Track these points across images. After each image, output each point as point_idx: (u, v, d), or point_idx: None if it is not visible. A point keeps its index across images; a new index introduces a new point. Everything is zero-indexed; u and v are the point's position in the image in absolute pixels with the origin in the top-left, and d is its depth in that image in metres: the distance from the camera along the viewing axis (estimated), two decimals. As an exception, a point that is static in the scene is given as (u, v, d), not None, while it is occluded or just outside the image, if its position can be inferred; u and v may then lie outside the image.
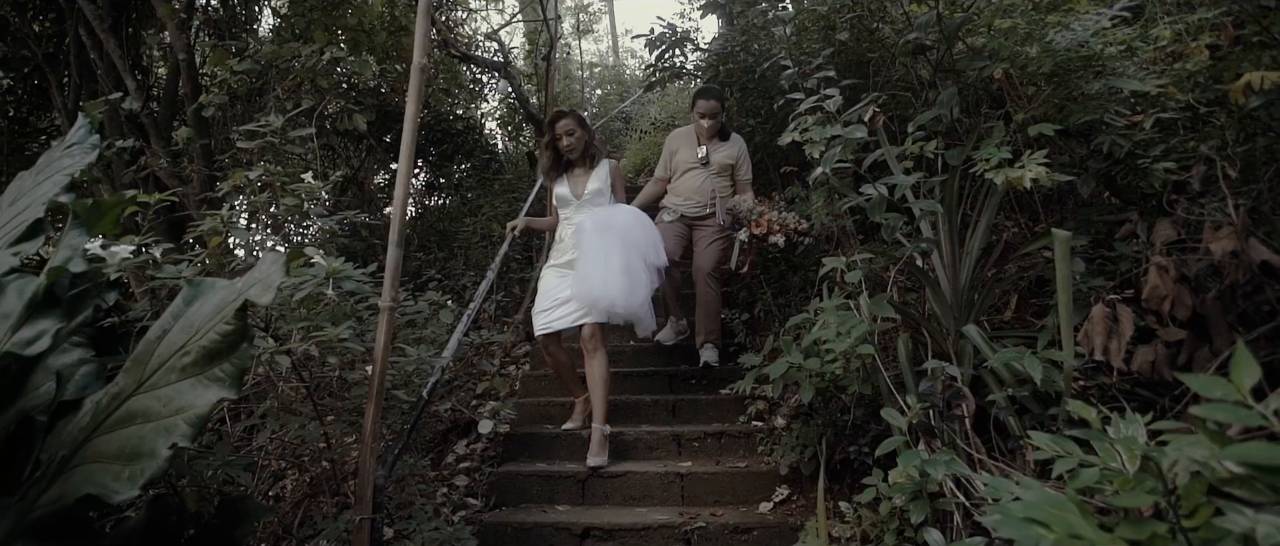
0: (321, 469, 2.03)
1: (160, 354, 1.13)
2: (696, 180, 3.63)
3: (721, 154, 3.64)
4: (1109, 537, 0.83)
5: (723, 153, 3.64)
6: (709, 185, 3.61)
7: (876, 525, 2.08)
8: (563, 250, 3.20)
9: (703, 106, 3.60)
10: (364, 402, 2.03)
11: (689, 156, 3.68)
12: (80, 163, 1.68)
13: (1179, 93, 2.37)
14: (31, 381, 1.34)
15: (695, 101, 3.68)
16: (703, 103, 3.62)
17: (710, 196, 3.60)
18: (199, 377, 1.06)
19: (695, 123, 3.69)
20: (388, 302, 1.59)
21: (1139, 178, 2.28)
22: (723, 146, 3.66)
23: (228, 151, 4.59)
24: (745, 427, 3.13)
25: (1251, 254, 1.41)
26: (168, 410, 1.05)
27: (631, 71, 15.22)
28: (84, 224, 1.38)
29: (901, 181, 2.05)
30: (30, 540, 1.03)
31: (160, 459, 0.99)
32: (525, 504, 2.89)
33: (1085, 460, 1.13)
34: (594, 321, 2.99)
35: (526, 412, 3.53)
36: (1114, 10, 2.47)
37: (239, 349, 1.07)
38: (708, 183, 3.61)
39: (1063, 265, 1.87)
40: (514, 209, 5.80)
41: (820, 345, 2.15)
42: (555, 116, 3.24)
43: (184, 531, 1.42)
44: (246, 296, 1.08)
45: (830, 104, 2.16)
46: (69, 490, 1.01)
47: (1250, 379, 0.73)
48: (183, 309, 1.21)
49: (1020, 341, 2.26)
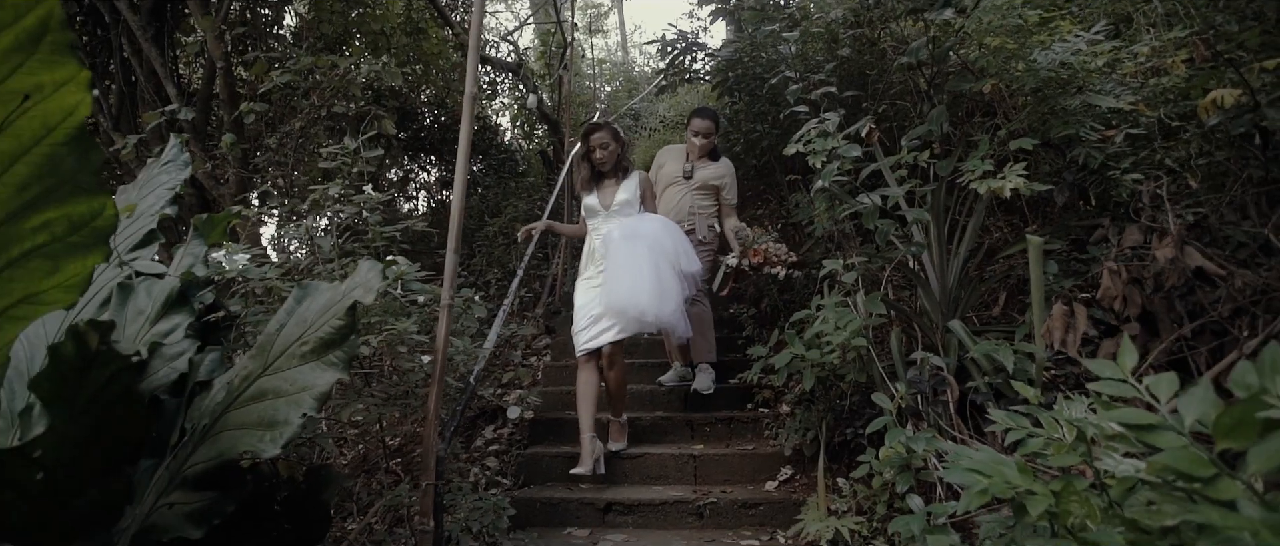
0: (376, 446, 2.31)
1: (281, 343, 1.40)
2: (677, 196, 3.63)
3: (707, 172, 3.63)
4: (1031, 480, 1.09)
5: (708, 171, 3.63)
6: (688, 202, 3.60)
7: (870, 497, 2.34)
8: (593, 263, 3.17)
9: (697, 124, 3.63)
10: (414, 387, 2.31)
11: (674, 171, 3.68)
12: (177, 179, 1.96)
13: (1149, 109, 2.60)
14: (151, 366, 1.62)
15: (691, 119, 3.70)
16: (698, 120, 3.64)
17: (689, 213, 3.58)
18: (317, 362, 1.32)
19: (687, 139, 3.70)
20: (447, 300, 1.85)
21: (1110, 187, 2.52)
22: (710, 165, 3.66)
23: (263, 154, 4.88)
24: (753, 414, 3.39)
25: (1186, 260, 1.65)
26: (294, 388, 1.31)
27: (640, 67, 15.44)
28: (202, 235, 1.64)
29: (893, 193, 2.30)
30: (190, 489, 1.30)
31: (294, 425, 1.26)
32: (551, 482, 3.17)
33: (1033, 432, 1.38)
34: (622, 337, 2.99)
35: (549, 400, 3.80)
36: (1091, 33, 2.70)
37: (349, 339, 1.33)
38: (688, 198, 3.60)
39: (1035, 267, 2.11)
40: (533, 208, 6.07)
41: (820, 338, 2.40)
42: (590, 128, 3.21)
43: (278, 494, 1.69)
44: (352, 297, 1.35)
45: (829, 125, 2.40)
46: (223, 449, 1.27)
47: (1130, 362, 0.98)
48: (294, 307, 1.47)
49: (1004, 334, 2.51)
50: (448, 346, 1.82)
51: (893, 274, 2.73)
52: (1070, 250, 2.62)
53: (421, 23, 6.93)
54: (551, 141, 7.76)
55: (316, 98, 4.43)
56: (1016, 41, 2.93)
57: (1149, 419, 0.94)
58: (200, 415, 1.41)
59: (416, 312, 2.29)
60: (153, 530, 1.30)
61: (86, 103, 1.17)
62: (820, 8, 3.38)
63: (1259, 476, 0.87)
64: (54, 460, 1.05)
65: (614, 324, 2.97)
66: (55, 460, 1.06)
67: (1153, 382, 0.98)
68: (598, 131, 3.19)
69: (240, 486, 1.29)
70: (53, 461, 1.05)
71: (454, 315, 3.08)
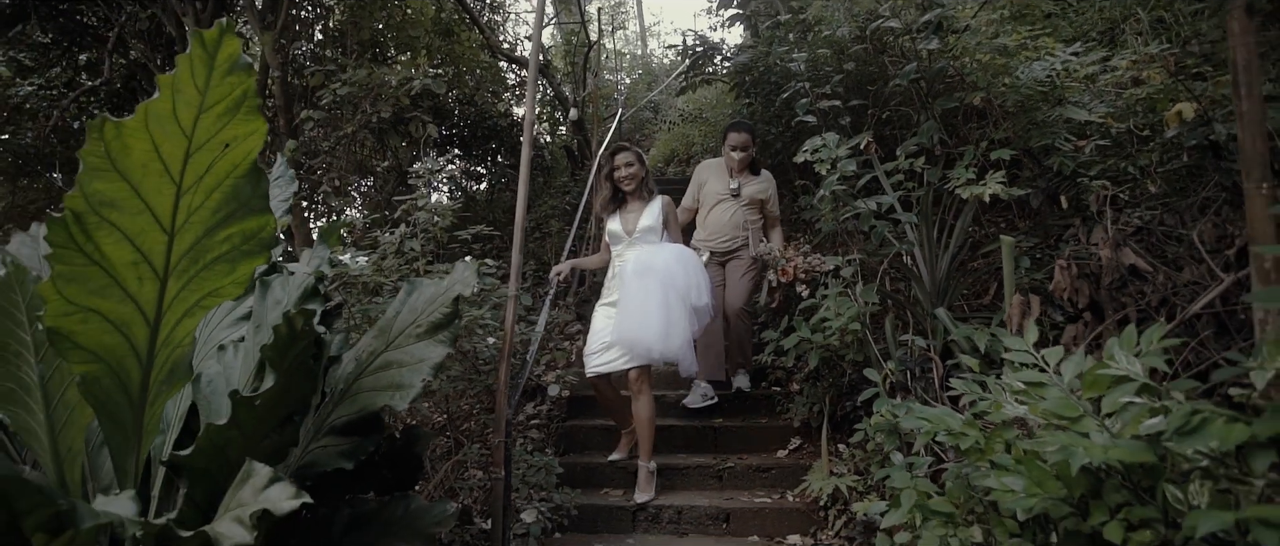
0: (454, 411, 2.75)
1: (398, 326, 1.82)
2: (727, 213, 3.66)
3: (753, 187, 3.69)
4: (970, 426, 1.47)
5: (754, 186, 3.70)
6: (740, 217, 3.65)
7: (865, 459, 2.73)
8: (612, 288, 3.21)
9: (734, 139, 3.67)
10: (479, 365, 2.74)
11: (720, 188, 3.71)
12: (288, 192, 2.39)
13: (1117, 122, 2.94)
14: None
15: (726, 134, 3.75)
16: (734, 135, 3.68)
17: (742, 229, 3.64)
18: (430, 340, 1.75)
19: (726, 155, 3.72)
20: (514, 292, 2.27)
21: (1082, 192, 2.86)
22: (754, 180, 3.72)
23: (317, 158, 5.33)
24: (766, 392, 3.79)
25: (1122, 258, 2.01)
26: (413, 360, 1.74)
27: (659, 58, 15.75)
28: (325, 239, 2.07)
29: (886, 201, 2.67)
30: (338, 435, 1.73)
31: (416, 387, 1.68)
32: (589, 451, 3.60)
33: (984, 397, 1.77)
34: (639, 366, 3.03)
35: (584, 379, 4.22)
36: (1066, 53, 3.03)
37: (453, 323, 1.75)
38: (739, 214, 3.65)
39: (1008, 263, 2.48)
40: (562, 204, 6.48)
41: (824, 323, 2.79)
42: (615, 150, 3.28)
43: (381, 447, 2.13)
44: (455, 291, 1.77)
45: (830, 140, 2.77)
46: (363, 404, 1.70)
47: (1032, 339, 1.36)
48: (406, 298, 1.89)
49: (986, 320, 2.88)
50: (514, 330, 2.24)
51: (889, 268, 3.10)
52: (1044, 247, 2.97)
53: (450, 24, 7.34)
54: (577, 138, 8.16)
55: (367, 105, 4.87)
56: (1003, 59, 3.27)
57: (1041, 378, 1.33)
58: (335, 381, 1.85)
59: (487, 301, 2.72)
60: (310, 466, 1.73)
61: (260, 144, 1.59)
62: (829, 25, 3.73)
63: (1112, 415, 1.26)
64: (262, 408, 1.48)
65: (623, 354, 3.03)
66: (263, 408, 1.49)
67: (1047, 352, 1.36)
68: (623, 152, 3.24)
69: (379, 431, 1.72)
70: (261, 409, 1.48)
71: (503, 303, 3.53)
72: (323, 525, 1.84)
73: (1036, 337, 1.37)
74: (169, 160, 1.47)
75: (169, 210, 1.53)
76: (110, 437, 1.64)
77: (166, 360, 1.66)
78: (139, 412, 1.64)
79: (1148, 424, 1.10)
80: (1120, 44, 3.88)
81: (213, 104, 1.46)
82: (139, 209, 1.48)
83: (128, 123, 1.37)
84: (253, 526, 1.21)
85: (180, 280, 1.62)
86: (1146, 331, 1.28)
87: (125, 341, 1.58)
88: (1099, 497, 1.20)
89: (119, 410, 1.62)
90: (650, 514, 2.99)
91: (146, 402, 1.66)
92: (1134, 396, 1.19)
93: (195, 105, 1.44)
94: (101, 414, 1.61)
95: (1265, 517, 0.88)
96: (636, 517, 2.99)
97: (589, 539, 2.90)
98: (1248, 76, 1.44)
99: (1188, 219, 2.17)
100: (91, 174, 1.37)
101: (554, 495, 2.81)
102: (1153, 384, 1.18)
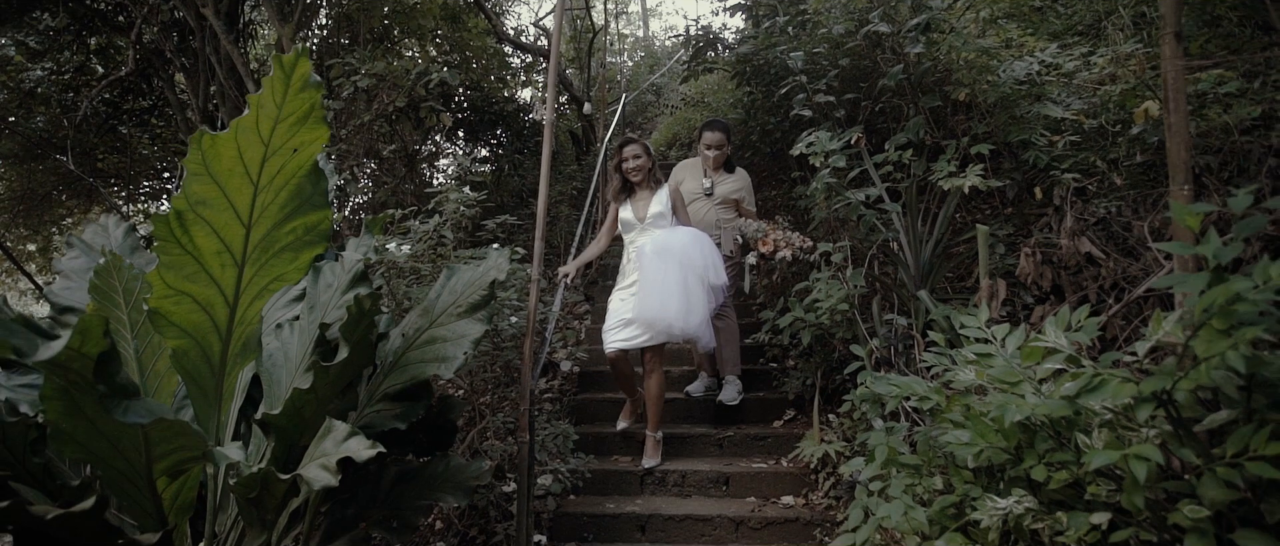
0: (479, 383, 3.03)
1: (440, 306, 2.08)
2: (701, 211, 3.75)
3: (726, 186, 3.77)
4: (933, 389, 1.73)
5: (728, 184, 3.78)
6: (713, 215, 3.74)
7: (851, 427, 3.01)
8: (627, 273, 3.36)
9: (709, 137, 3.75)
10: (502, 342, 3.00)
11: (694, 187, 3.79)
12: (330, 185, 2.63)
13: (1089, 118, 3.17)
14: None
15: (702, 132, 3.82)
16: (709, 134, 3.76)
17: (715, 227, 3.72)
18: (469, 319, 2.01)
19: (701, 153, 3.81)
20: (536, 276, 2.53)
21: (1054, 184, 3.11)
22: (728, 178, 3.80)
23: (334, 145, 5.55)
24: (763, 368, 4.07)
25: (1078, 246, 2.26)
26: (454, 336, 2.00)
27: (661, 42, 15.85)
28: (370, 230, 2.33)
29: (873, 192, 2.92)
30: (390, 401, 2.00)
31: (459, 359, 1.94)
32: (599, 422, 3.88)
33: (949, 367, 2.03)
34: (654, 344, 3.20)
35: (594, 356, 4.50)
36: (1044, 54, 3.25)
37: (490, 303, 2.01)
38: (712, 213, 3.75)
39: (983, 249, 2.73)
40: (569, 189, 6.71)
41: (816, 304, 3.05)
42: (623, 142, 3.41)
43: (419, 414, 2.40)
44: (490, 275, 2.02)
45: (822, 138, 3.00)
46: (412, 374, 1.97)
47: (983, 318, 1.62)
48: (446, 282, 2.15)
49: (967, 302, 3.14)
50: (537, 310, 2.50)
51: (877, 253, 3.36)
52: (1020, 235, 3.22)
53: (457, 10, 7.50)
54: (581, 123, 8.36)
55: (385, 95, 5.09)
56: (986, 58, 3.49)
57: (988, 350, 1.59)
58: (385, 355, 2.11)
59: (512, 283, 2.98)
60: (367, 427, 2.00)
61: (320, 148, 1.83)
62: (825, 22, 3.93)
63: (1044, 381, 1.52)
64: (335, 375, 1.75)
65: (643, 332, 3.17)
66: (335, 375, 1.75)
67: (996, 329, 1.62)
68: (631, 145, 3.38)
69: (428, 397, 1.99)
70: (334, 376, 1.75)
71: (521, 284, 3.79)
72: (373, 479, 2.12)
73: (989, 316, 1.63)
74: (249, 164, 1.72)
75: (247, 206, 1.79)
76: (196, 401, 1.90)
77: (241, 336, 1.93)
78: (220, 380, 1.91)
79: (1067, 386, 1.36)
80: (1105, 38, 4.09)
81: (288, 115, 1.71)
82: (224, 206, 1.73)
83: (221, 135, 1.62)
84: (336, 472, 1.48)
85: (254, 267, 1.88)
86: (1077, 311, 1.54)
87: (209, 319, 1.84)
88: (1032, 446, 1.46)
89: (203, 378, 1.88)
90: (656, 478, 3.28)
91: (225, 372, 1.92)
92: (1062, 364, 1.46)
93: (273, 117, 1.69)
94: (189, 381, 1.87)
95: (1140, 454, 1.14)
96: (644, 481, 3.28)
97: (601, 499, 3.19)
98: (1176, 94, 1.68)
99: (1142, 210, 2.42)
100: (191, 178, 1.63)
101: (569, 460, 3.10)
102: (1075, 355, 1.44)
